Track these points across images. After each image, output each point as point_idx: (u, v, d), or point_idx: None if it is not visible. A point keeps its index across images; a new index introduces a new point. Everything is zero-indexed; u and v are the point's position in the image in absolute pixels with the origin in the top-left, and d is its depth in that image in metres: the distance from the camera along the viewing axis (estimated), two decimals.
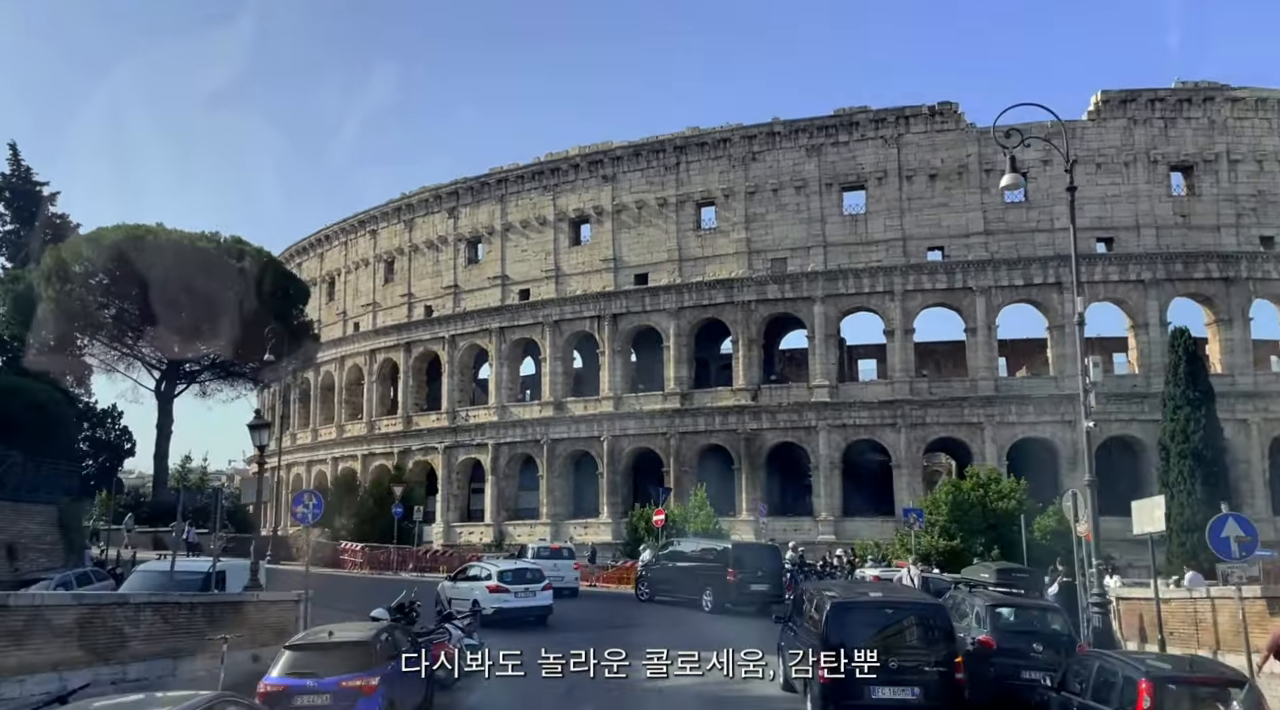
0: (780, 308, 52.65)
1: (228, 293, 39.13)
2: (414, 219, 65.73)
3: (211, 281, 37.25)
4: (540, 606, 27.04)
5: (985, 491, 37.38)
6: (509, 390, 60.15)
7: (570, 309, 57.30)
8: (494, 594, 26.43)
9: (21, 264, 45.95)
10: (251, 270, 43.60)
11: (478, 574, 28.29)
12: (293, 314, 49.54)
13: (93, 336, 45.77)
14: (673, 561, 31.66)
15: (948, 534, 36.49)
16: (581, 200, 58.10)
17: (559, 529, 55.62)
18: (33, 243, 45.97)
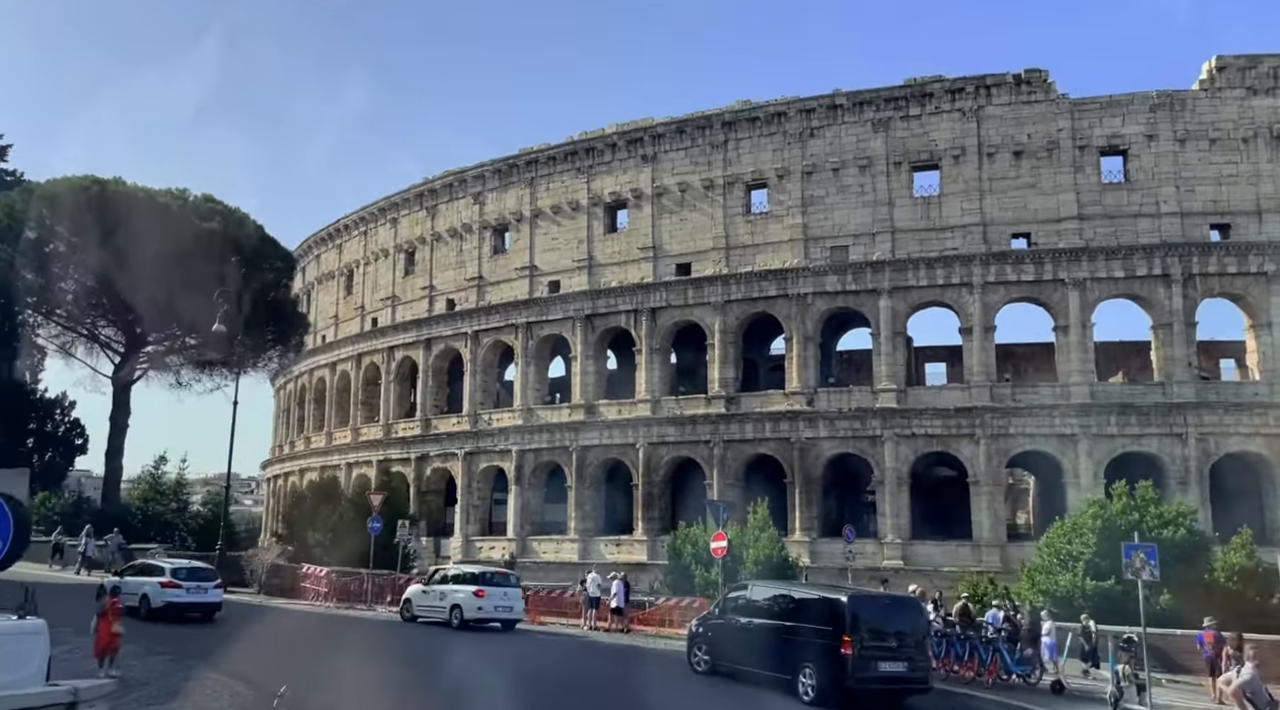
0: (840, 302, 46.72)
1: (197, 260, 33.67)
2: (437, 206, 60.76)
3: (178, 246, 31.76)
4: (210, 603, 26.63)
5: (1142, 515, 28.30)
6: (536, 392, 54.78)
7: (604, 303, 51.83)
8: (166, 589, 25.99)
9: None
10: (226, 233, 38.19)
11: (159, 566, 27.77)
12: (277, 287, 43.99)
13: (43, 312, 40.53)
14: (744, 616, 20.37)
15: (1097, 572, 27.31)
16: (618, 183, 52.68)
17: (588, 546, 50.04)
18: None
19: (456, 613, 27.94)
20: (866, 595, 21.49)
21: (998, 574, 41.11)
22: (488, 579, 29.10)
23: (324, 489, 39.70)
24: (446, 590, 28.67)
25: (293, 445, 72.97)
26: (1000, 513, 43.66)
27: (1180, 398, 41.59)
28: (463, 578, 29.26)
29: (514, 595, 29.07)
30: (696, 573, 33.08)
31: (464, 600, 27.91)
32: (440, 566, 30.07)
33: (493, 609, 28.12)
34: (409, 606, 29.81)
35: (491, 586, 28.49)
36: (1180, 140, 43.43)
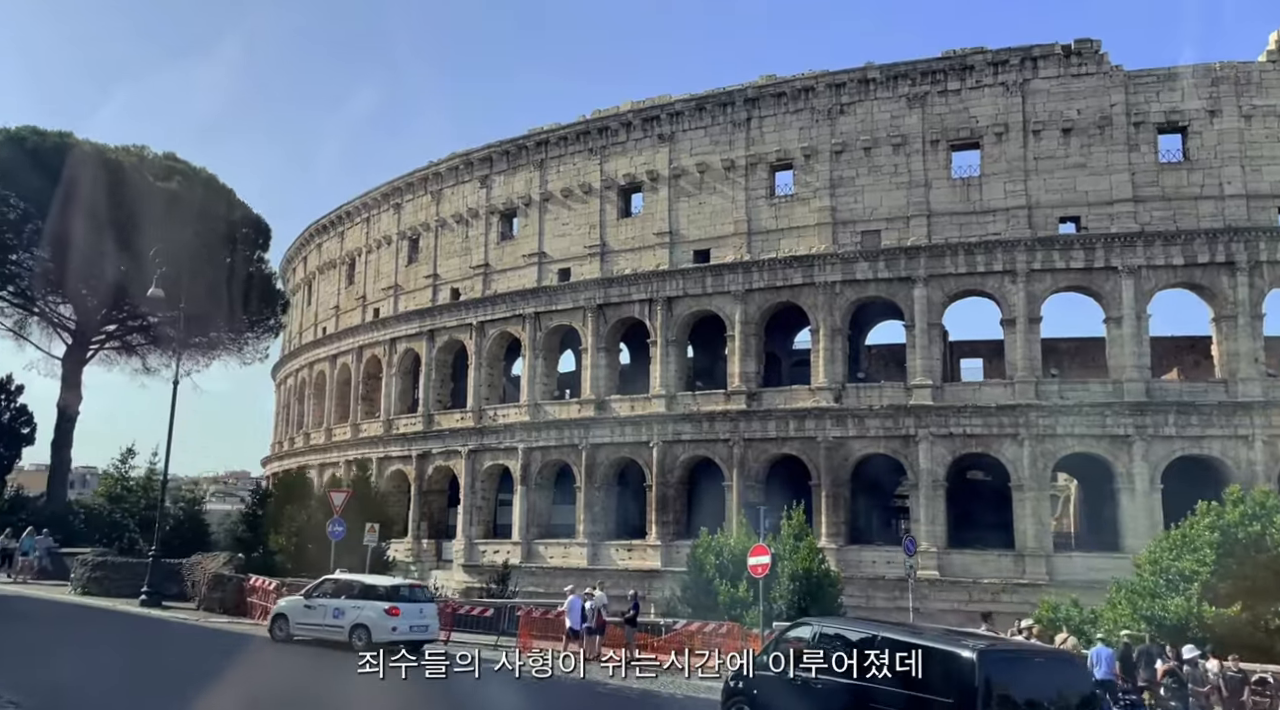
0: (871, 291, 43.35)
1: (155, 225, 30.25)
2: (442, 190, 57.68)
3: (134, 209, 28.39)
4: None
5: (1265, 526, 24.12)
6: (544, 386, 51.60)
7: (617, 291, 48.60)
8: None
9: None
10: (188, 196, 34.71)
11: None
12: (251, 259, 40.48)
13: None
14: (809, 669, 13.73)
15: (1215, 596, 23.28)
16: (633, 164, 49.45)
17: (597, 551, 46.85)
18: None
19: (360, 634, 23.02)
20: (1005, 651, 13.87)
21: (1044, 587, 37.75)
22: (404, 593, 24.34)
23: (290, 486, 33.44)
24: (344, 605, 23.82)
25: (292, 442, 70.13)
26: (1046, 519, 40.18)
27: (1246, 396, 38.02)
28: (365, 590, 24.13)
29: (429, 612, 24.70)
30: (721, 589, 29.29)
31: (372, 619, 23.19)
32: (327, 575, 24.97)
33: (408, 629, 23.29)
34: (282, 624, 24.54)
35: (407, 602, 23.92)
36: (1246, 116, 39.86)
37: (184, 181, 35.44)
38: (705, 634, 26.25)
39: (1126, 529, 38.64)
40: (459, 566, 51.15)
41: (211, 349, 41.03)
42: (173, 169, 36.49)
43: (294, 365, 72.08)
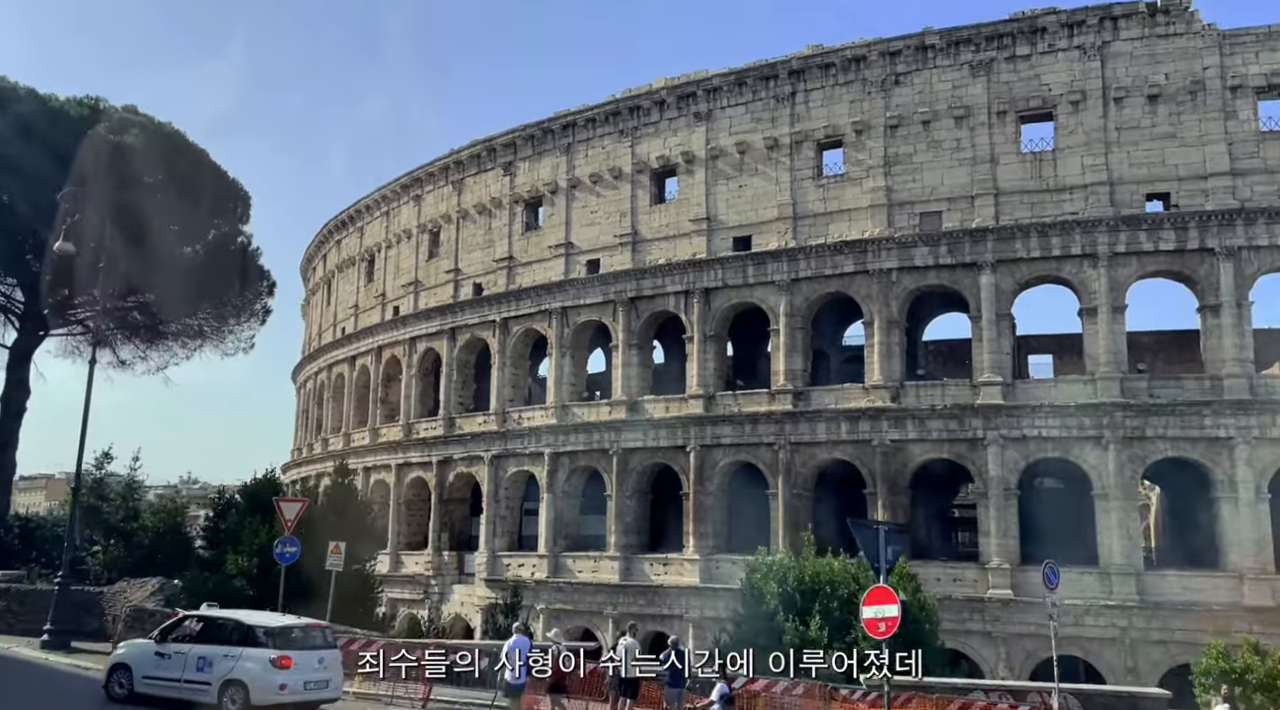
0: (932, 278, 39.21)
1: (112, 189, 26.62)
2: (463, 179, 54.32)
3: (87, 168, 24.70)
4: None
5: None
6: (571, 387, 47.92)
7: (650, 283, 44.83)
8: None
9: None
10: (149, 152, 30.72)
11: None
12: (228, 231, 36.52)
13: None
14: None
15: None
16: (667, 146, 45.70)
17: (630, 566, 43.03)
18: None
19: (235, 694, 17.23)
20: None
21: (1134, 610, 33.45)
22: (297, 637, 18.14)
23: (256, 494, 26.50)
24: (213, 654, 17.70)
25: (311, 448, 67.07)
26: (1135, 533, 35.77)
27: None
28: (244, 632, 17.95)
29: (332, 661, 18.61)
30: (788, 627, 23.47)
31: (253, 672, 17.30)
32: (187, 612, 19.25)
33: (302, 686, 17.73)
34: (123, 676, 18.58)
35: (302, 650, 17.94)
36: None
37: (143, 135, 31.37)
38: (774, 696, 20.93)
39: (1228, 543, 34.20)
40: (481, 581, 47.57)
41: (191, 338, 36.95)
42: (129, 122, 32.40)
43: (313, 368, 69.16)
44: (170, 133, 34.87)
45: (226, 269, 35.11)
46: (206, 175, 36.31)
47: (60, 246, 20.93)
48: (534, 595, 44.91)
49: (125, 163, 28.29)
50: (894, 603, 14.45)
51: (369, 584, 25.54)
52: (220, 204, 36.84)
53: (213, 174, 37.29)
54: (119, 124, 30.79)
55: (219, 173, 38.03)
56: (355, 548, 22.82)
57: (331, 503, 24.12)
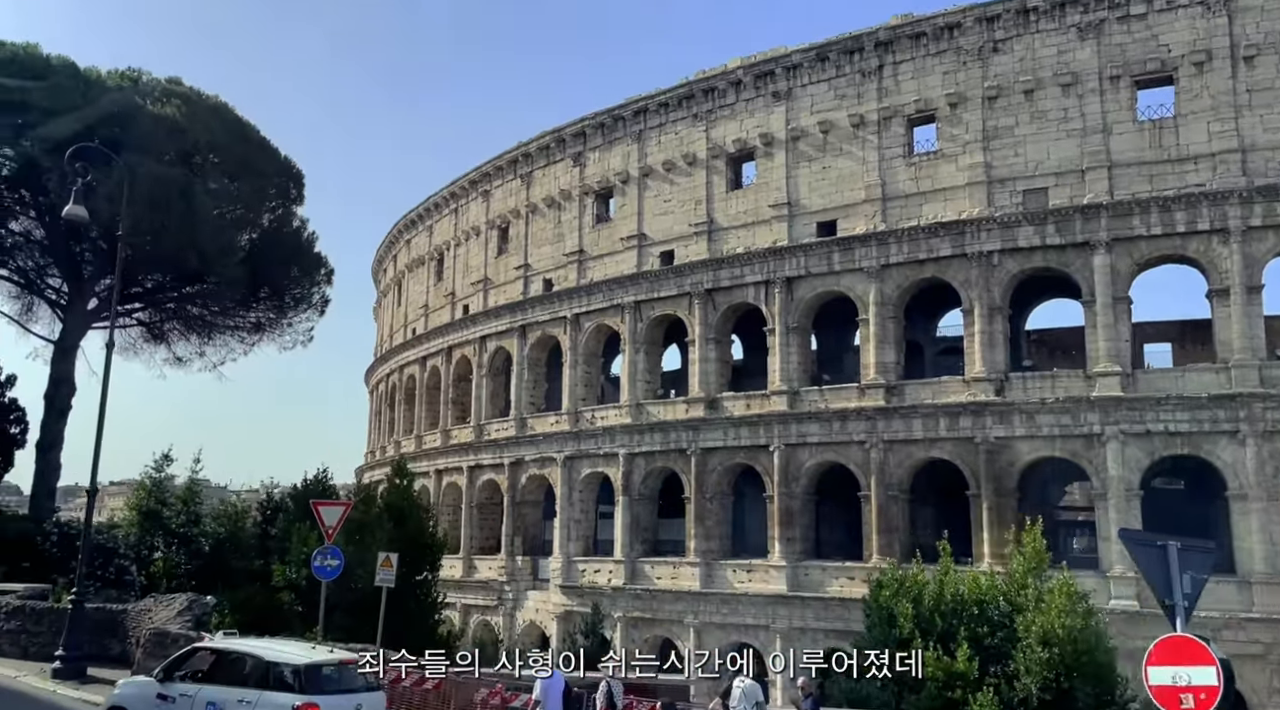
0: (1038, 260, 36.00)
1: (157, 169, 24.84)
2: (532, 172, 52.70)
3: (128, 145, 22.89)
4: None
5: None
6: (646, 384, 45.82)
7: (728, 274, 42.46)
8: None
9: None
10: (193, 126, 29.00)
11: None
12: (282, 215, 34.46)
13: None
14: None
15: None
16: (744, 129, 43.28)
17: (711, 572, 40.66)
18: None
19: None
20: None
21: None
22: (327, 676, 14.59)
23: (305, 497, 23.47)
24: (223, 698, 14.25)
25: (384, 450, 66.33)
26: (1278, 537, 31.97)
27: None
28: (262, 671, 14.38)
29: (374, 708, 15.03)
30: (928, 658, 18.60)
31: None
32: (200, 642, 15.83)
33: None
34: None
35: (335, 695, 14.35)
36: None
37: (185, 107, 29.52)
38: None
39: None
40: (556, 587, 45.75)
41: (250, 331, 35.28)
42: (171, 92, 30.60)
43: (384, 370, 68.53)
44: (216, 105, 32.80)
45: (283, 255, 33.14)
46: (256, 151, 33.94)
47: (70, 211, 18.55)
48: (611, 603, 42.93)
49: (168, 137, 26.80)
50: (1208, 663, 8.66)
51: (430, 600, 22.91)
52: (273, 183, 34.82)
53: (264, 150, 34.80)
54: (161, 95, 29.26)
55: (270, 148, 35.50)
56: (416, 558, 20.69)
57: (388, 507, 21.60)
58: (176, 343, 35.03)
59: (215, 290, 30.07)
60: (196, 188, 27.20)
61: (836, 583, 37.44)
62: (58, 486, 32.96)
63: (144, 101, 28.27)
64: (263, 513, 24.95)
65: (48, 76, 28.05)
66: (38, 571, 26.01)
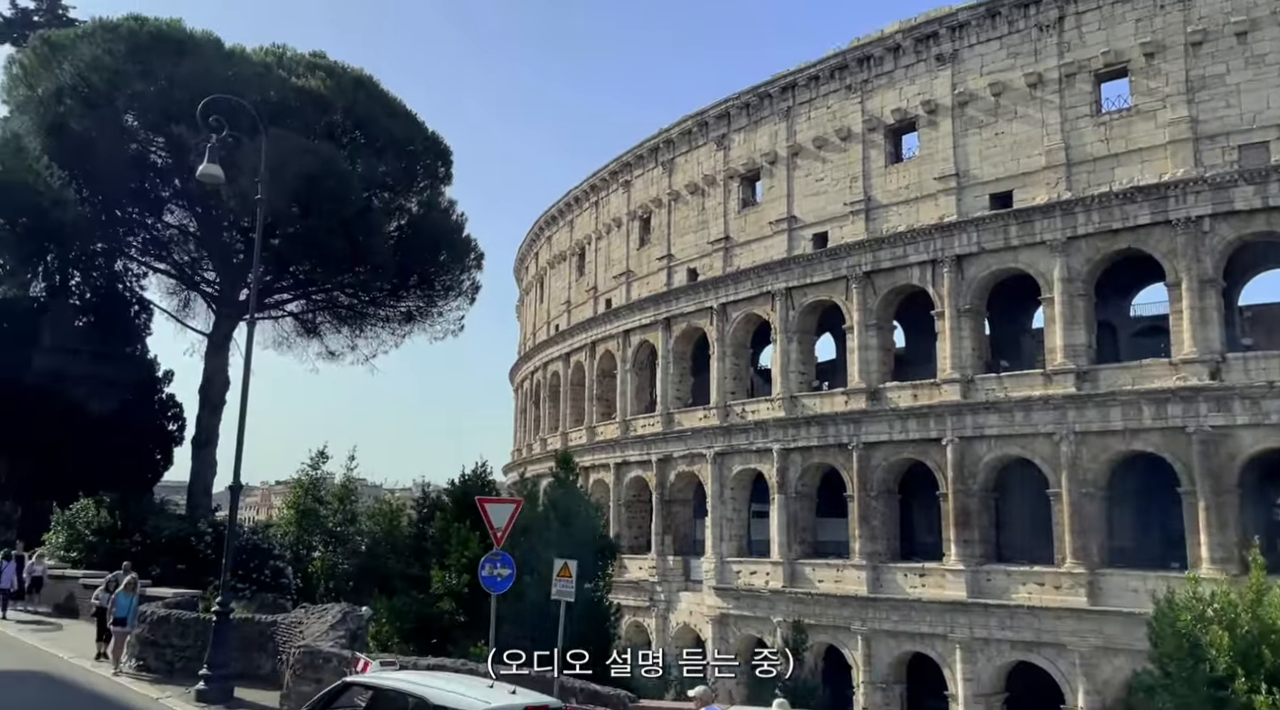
0: (1259, 225, 31.47)
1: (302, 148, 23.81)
2: (674, 159, 50.92)
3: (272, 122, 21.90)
4: None
5: None
6: (800, 375, 43.26)
7: (889, 254, 39.42)
8: None
9: None
10: (340, 103, 27.99)
11: None
12: (429, 196, 33.17)
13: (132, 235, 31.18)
14: None
15: None
16: (903, 98, 40.10)
17: (879, 576, 37.77)
18: None
19: None
20: None
21: None
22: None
23: (464, 495, 21.45)
24: None
25: (530, 448, 66.12)
26: None
27: None
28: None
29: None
30: (1262, 703, 14.94)
31: None
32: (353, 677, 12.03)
33: None
34: None
35: None
36: None
37: (330, 79, 28.70)
38: None
39: None
40: (710, 589, 43.79)
41: (401, 322, 34.49)
42: (315, 66, 29.12)
43: (528, 367, 68.38)
44: (361, 78, 31.48)
45: (432, 238, 31.88)
46: (404, 125, 32.39)
47: (205, 171, 16.59)
48: (769, 606, 40.74)
49: (314, 111, 26.16)
50: None
51: (605, 612, 20.61)
52: (421, 160, 33.31)
53: (411, 124, 33.29)
54: (305, 70, 28.71)
55: (418, 122, 33.94)
56: (587, 563, 18.63)
57: (554, 505, 19.49)
58: (328, 335, 34.71)
59: (364, 279, 29.39)
60: (343, 163, 26.42)
61: (1023, 589, 33.93)
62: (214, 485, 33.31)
63: (288, 75, 27.98)
64: (419, 512, 23.57)
65: (193, 54, 28.08)
66: (193, 573, 25.83)
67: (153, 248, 32.22)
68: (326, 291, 32.36)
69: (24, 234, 29.75)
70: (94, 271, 32.15)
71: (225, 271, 31.27)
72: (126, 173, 29.02)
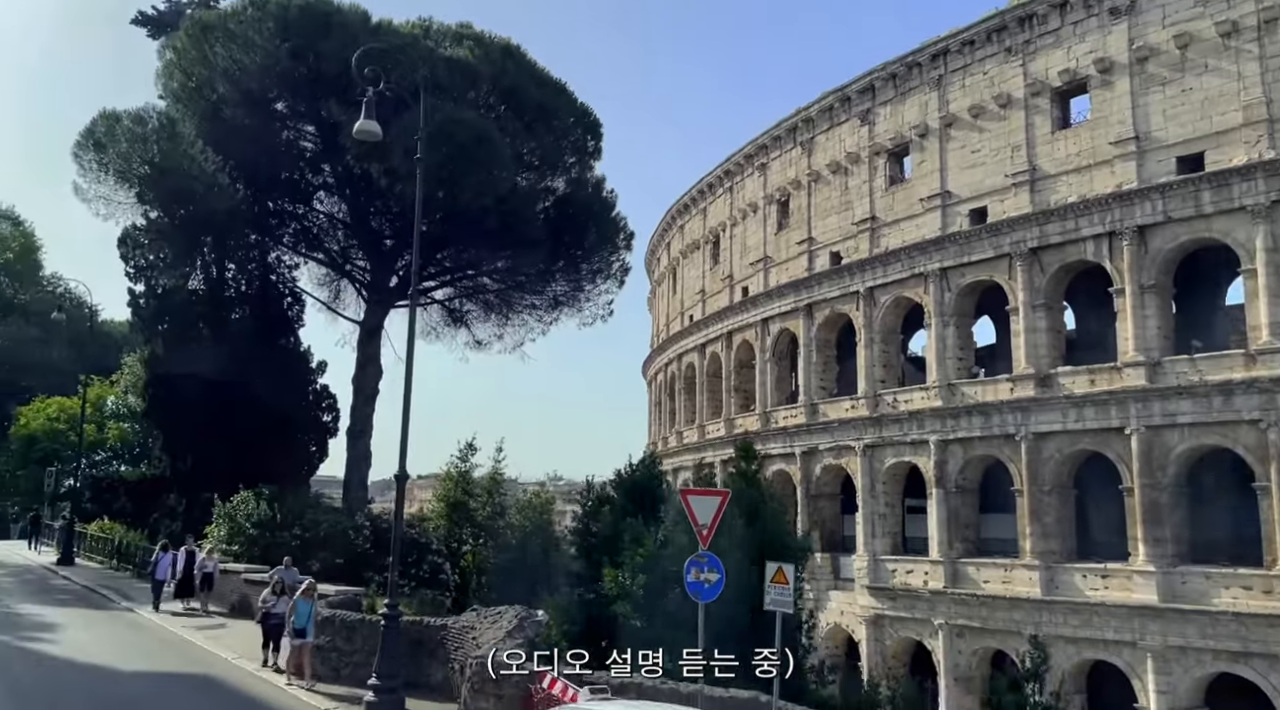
0: None
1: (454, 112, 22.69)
2: (813, 138, 48.74)
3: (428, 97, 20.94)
4: None
5: None
6: (957, 361, 40.53)
7: (1058, 227, 36.32)
8: None
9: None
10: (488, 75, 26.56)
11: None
12: (579, 173, 31.63)
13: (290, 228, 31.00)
14: None
15: None
16: (1072, 57, 36.84)
17: (1053, 577, 34.86)
18: None
19: None
20: None
21: None
22: None
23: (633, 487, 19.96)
24: None
25: (665, 442, 65.13)
26: None
27: None
28: None
29: None
30: None
31: None
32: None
33: None
34: None
35: None
36: None
37: (478, 49, 27.70)
38: None
39: None
40: (862, 588, 41.65)
41: (548, 309, 33.54)
42: (462, 36, 28.06)
43: (662, 360, 67.35)
44: (509, 47, 30.27)
45: (582, 218, 30.99)
46: (553, 96, 31.07)
47: (361, 127, 15.43)
48: (929, 608, 38.33)
49: (463, 81, 25.25)
50: None
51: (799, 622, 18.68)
52: (571, 134, 32.26)
53: (561, 94, 31.82)
54: (452, 39, 27.93)
55: (568, 93, 32.37)
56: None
57: (737, 501, 16.98)
58: (475, 324, 34.29)
59: (512, 265, 28.51)
60: (496, 135, 25.53)
61: (1226, 593, 30.47)
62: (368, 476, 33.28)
63: (436, 46, 27.32)
64: (582, 505, 22.40)
65: (340, 28, 27.60)
66: (351, 569, 25.27)
67: (303, 238, 32.49)
68: (472, 278, 31.80)
69: (183, 225, 30.28)
70: (250, 264, 32.75)
71: (375, 259, 31.07)
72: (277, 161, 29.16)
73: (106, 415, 64.53)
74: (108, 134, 30.07)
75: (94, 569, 39.13)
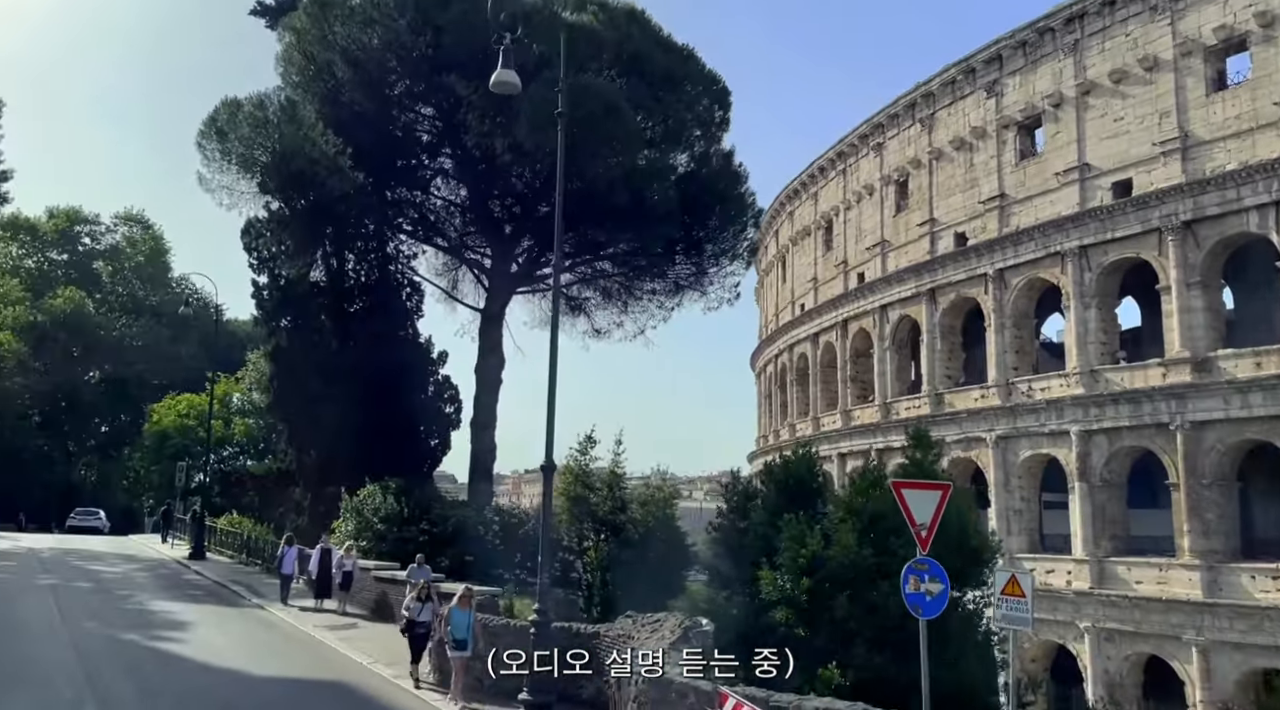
0: None
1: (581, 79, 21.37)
2: (934, 114, 46.37)
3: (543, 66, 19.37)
4: None
5: None
6: (1100, 346, 37.79)
7: (1215, 199, 33.32)
8: None
9: None
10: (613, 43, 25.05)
11: None
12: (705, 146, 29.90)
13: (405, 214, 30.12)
14: None
15: None
16: (1229, 11, 33.76)
17: (1216, 578, 32.07)
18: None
19: None
20: None
21: None
22: None
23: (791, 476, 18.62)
24: None
25: (777, 434, 63.52)
26: None
27: None
28: None
29: None
30: None
31: None
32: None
33: None
34: None
35: None
36: None
37: (602, 12, 26.58)
38: None
39: None
40: None
41: (669, 294, 32.13)
42: (584, 2, 26.56)
43: (772, 350, 65.69)
44: (634, 11, 29.00)
45: (710, 194, 29.49)
46: (680, 62, 29.39)
47: (500, 78, 14.33)
48: (1074, 609, 35.84)
49: (588, 48, 23.88)
50: None
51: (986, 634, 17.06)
52: (699, 103, 30.39)
53: (689, 60, 30.02)
54: (574, 4, 26.36)
55: (696, 58, 30.41)
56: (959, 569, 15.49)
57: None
58: (594, 311, 33.20)
59: (635, 246, 27.23)
60: (623, 105, 24.28)
61: None
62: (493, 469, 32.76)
63: (559, 11, 26.37)
64: (728, 501, 21.20)
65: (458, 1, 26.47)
66: (481, 566, 24.55)
67: (422, 225, 32.16)
68: (590, 263, 30.79)
69: (303, 214, 30.28)
70: (369, 253, 32.83)
71: (496, 244, 30.32)
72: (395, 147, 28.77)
73: (233, 411, 66.91)
74: (229, 121, 30.42)
75: (224, 563, 40.10)
